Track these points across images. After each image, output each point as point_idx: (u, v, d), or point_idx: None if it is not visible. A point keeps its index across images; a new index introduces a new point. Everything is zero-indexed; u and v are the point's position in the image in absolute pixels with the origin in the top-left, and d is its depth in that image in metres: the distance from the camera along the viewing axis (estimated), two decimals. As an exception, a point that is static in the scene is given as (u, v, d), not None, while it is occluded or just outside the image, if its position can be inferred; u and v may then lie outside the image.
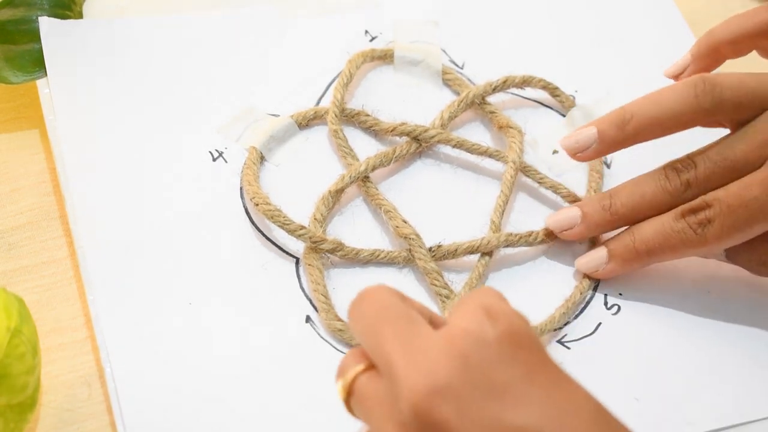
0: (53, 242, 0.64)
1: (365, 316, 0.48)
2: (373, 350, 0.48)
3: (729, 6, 0.78)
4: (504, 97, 0.72)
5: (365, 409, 0.48)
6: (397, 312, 0.48)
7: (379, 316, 0.48)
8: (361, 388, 0.48)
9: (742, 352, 0.63)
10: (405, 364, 0.46)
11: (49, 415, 0.58)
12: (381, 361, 0.47)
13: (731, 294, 0.65)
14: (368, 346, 0.48)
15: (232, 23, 0.73)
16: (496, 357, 0.45)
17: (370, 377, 0.48)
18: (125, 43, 0.71)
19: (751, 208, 0.60)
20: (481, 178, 0.68)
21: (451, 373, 0.45)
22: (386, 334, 0.47)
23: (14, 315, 0.54)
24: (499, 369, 0.45)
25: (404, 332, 0.47)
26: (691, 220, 0.61)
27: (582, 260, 0.64)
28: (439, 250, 0.64)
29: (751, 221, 0.60)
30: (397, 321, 0.47)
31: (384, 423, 0.47)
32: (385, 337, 0.47)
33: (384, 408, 0.47)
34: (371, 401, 0.47)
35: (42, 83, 0.68)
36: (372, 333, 0.48)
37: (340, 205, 0.66)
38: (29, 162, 0.67)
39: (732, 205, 0.60)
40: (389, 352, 0.46)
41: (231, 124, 0.69)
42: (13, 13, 0.70)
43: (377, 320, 0.48)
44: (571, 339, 0.63)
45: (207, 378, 0.59)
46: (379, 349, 0.47)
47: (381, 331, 0.47)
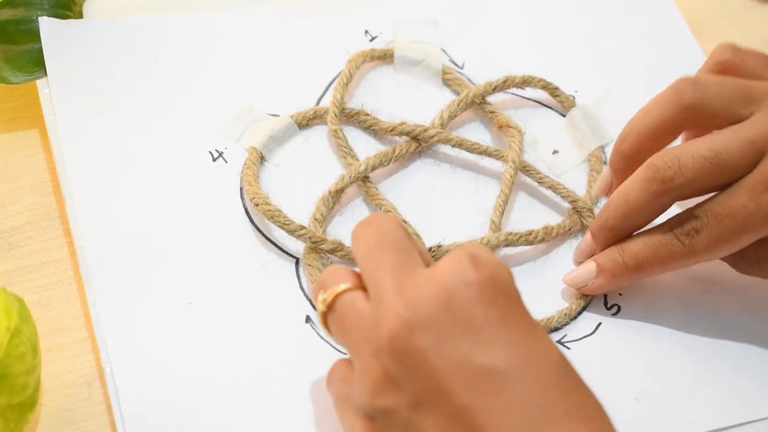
0: (53, 242, 0.64)
1: (369, 240, 0.52)
2: (367, 273, 0.51)
3: (729, 6, 0.78)
4: (504, 97, 0.72)
5: (343, 328, 0.51)
6: (399, 245, 0.51)
7: (382, 243, 0.51)
8: (344, 307, 0.51)
9: (741, 352, 0.63)
10: (395, 293, 0.49)
11: (49, 415, 0.58)
12: (372, 285, 0.50)
13: (730, 294, 0.65)
14: (364, 268, 0.51)
15: (232, 23, 0.73)
16: (476, 299, 0.49)
17: (355, 298, 0.51)
18: (125, 44, 0.71)
19: (738, 217, 0.59)
20: (480, 177, 0.68)
21: (434, 308, 0.48)
22: (385, 262, 0.50)
23: (14, 315, 0.54)
24: (477, 310, 0.48)
25: (401, 265, 0.50)
26: (678, 231, 0.60)
27: (569, 275, 0.64)
28: (439, 249, 0.64)
29: (740, 231, 0.59)
30: (397, 253, 0.51)
31: (360, 344, 0.50)
32: (383, 264, 0.50)
33: (363, 329, 0.50)
34: (351, 321, 0.51)
35: (42, 83, 0.68)
36: (371, 257, 0.51)
37: (340, 205, 0.66)
38: (29, 162, 0.67)
39: (719, 215, 0.60)
40: (382, 280, 0.50)
41: (231, 124, 0.69)
42: (13, 13, 0.70)
43: (379, 247, 0.51)
44: (571, 339, 0.63)
45: (206, 378, 0.59)
46: (374, 273, 0.50)
47: (380, 258, 0.50)
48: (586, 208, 0.67)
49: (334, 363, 0.55)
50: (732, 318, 0.64)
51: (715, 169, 0.60)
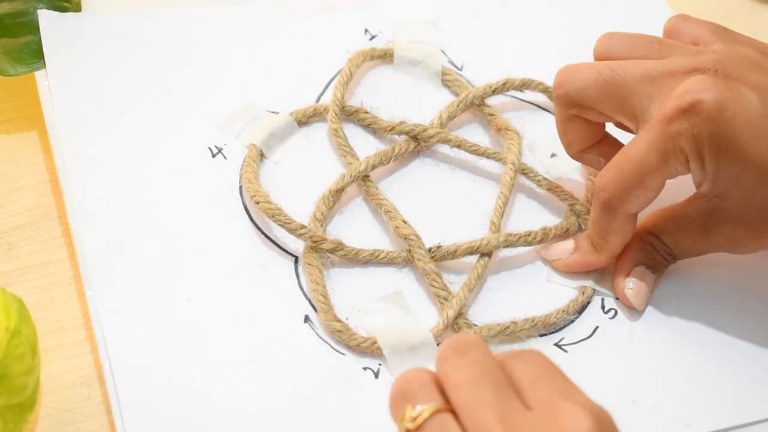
0: (53, 242, 0.64)
1: (467, 371, 0.48)
2: (467, 406, 0.47)
3: (729, 6, 0.78)
4: (503, 99, 0.72)
5: None
6: (497, 379, 0.47)
7: (480, 376, 0.47)
8: (436, 430, 0.47)
9: (739, 355, 0.63)
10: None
11: (49, 415, 0.58)
12: (472, 420, 0.46)
13: (728, 297, 0.65)
14: (462, 399, 0.47)
15: (233, 20, 0.73)
16: None
17: (446, 422, 0.47)
18: (125, 38, 0.70)
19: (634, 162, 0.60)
20: (479, 178, 0.68)
21: None
22: (487, 398, 0.46)
23: (14, 315, 0.54)
24: None
25: (502, 402, 0.46)
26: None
27: (546, 249, 0.65)
28: (439, 250, 0.64)
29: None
30: (497, 389, 0.47)
31: None
32: (486, 401, 0.46)
33: None
34: None
35: (41, 76, 0.67)
36: (470, 390, 0.47)
37: (339, 204, 0.66)
38: (29, 162, 0.67)
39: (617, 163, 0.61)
40: (488, 420, 0.46)
41: (231, 120, 0.68)
42: (12, 5, 0.70)
43: (477, 381, 0.47)
44: (569, 342, 0.63)
45: (206, 377, 0.59)
46: (475, 409, 0.46)
47: (481, 393, 0.47)
48: (584, 210, 0.67)
49: None
50: (729, 321, 0.64)
51: (607, 86, 0.61)
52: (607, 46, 0.64)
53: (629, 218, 0.62)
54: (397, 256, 0.64)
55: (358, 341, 0.61)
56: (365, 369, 0.60)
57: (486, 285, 0.64)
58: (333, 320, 0.61)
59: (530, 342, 0.62)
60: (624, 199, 0.60)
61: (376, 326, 0.62)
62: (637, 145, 0.59)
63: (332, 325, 0.61)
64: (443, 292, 0.63)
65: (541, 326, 0.63)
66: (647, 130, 0.59)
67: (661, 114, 0.58)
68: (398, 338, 0.61)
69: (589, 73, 0.61)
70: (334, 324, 0.61)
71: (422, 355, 0.61)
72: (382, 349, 0.61)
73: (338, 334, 0.61)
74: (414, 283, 0.64)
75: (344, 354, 0.61)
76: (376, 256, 0.64)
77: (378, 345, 0.61)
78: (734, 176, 0.58)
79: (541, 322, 0.62)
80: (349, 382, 0.60)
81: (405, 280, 0.64)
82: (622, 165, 0.60)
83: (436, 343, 0.61)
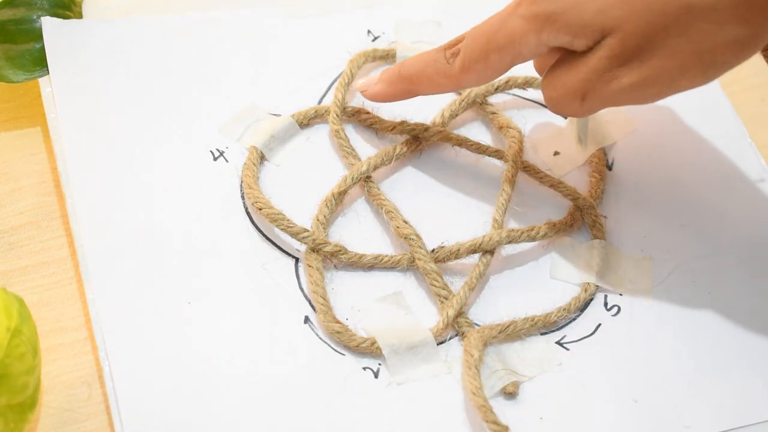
0: (54, 242, 0.64)
1: None
2: None
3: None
4: (505, 97, 0.72)
5: None
6: None
7: None
8: None
9: (741, 355, 0.63)
10: None
11: (49, 415, 0.58)
12: None
13: (731, 297, 0.65)
14: None
15: (234, 23, 0.73)
16: None
17: None
18: (127, 43, 0.71)
19: (487, 34, 0.61)
20: (481, 177, 0.68)
21: None
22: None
23: (14, 315, 0.54)
24: None
25: None
26: (448, 52, 0.63)
27: (358, 81, 0.69)
28: (442, 251, 0.64)
29: (487, 49, 0.61)
30: None
31: None
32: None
33: None
34: None
35: (44, 82, 0.68)
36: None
37: (342, 206, 0.66)
38: (30, 162, 0.67)
39: (475, 35, 0.62)
40: None
41: (232, 123, 0.69)
42: (14, 12, 0.70)
43: None
44: (571, 340, 0.63)
45: (205, 378, 0.59)
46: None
47: None
48: (587, 204, 0.66)
49: None
50: (732, 321, 0.64)
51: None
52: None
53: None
54: (400, 259, 0.64)
55: (357, 342, 0.61)
56: (365, 369, 0.60)
57: (488, 284, 0.64)
58: (332, 321, 0.61)
59: (531, 340, 0.62)
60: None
61: (376, 326, 0.62)
62: None
63: (331, 326, 0.61)
64: (444, 291, 0.63)
65: (541, 325, 0.62)
66: None
67: None
68: (398, 338, 0.61)
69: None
70: (333, 325, 0.61)
71: (422, 354, 0.61)
72: (382, 349, 0.60)
73: (337, 335, 0.61)
74: (415, 284, 0.64)
75: (344, 354, 0.61)
76: (379, 261, 0.64)
77: (378, 345, 0.61)
78: None
79: (542, 321, 0.62)
80: (349, 382, 0.60)
81: (407, 282, 0.64)
82: None
83: (436, 343, 0.61)
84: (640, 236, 0.67)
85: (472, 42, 0.62)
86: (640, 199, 0.68)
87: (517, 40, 0.60)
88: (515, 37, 0.60)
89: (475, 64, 0.62)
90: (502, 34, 0.61)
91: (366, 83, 0.68)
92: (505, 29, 0.61)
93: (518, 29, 0.60)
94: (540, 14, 0.59)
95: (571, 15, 0.59)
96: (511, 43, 0.60)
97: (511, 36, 0.60)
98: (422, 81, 0.65)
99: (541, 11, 0.59)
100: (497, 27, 0.61)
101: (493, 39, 0.61)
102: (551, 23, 0.59)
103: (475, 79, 0.63)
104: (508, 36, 0.60)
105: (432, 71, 0.64)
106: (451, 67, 0.63)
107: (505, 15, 0.61)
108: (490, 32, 0.61)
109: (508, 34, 0.60)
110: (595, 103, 0.61)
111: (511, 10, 0.61)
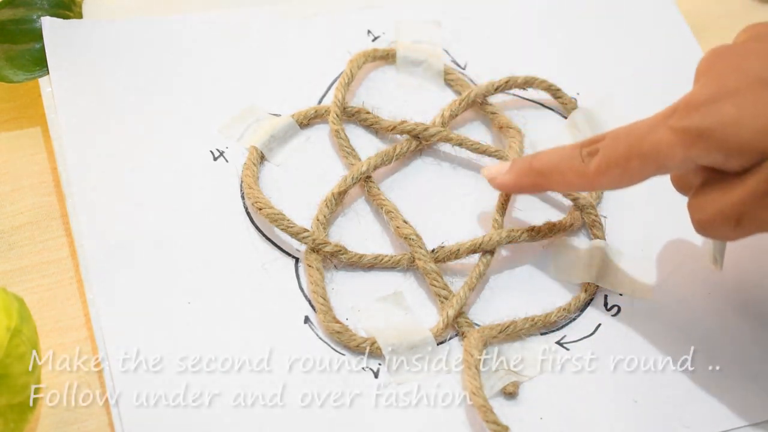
0: (54, 242, 0.64)
1: None
2: None
3: (728, 7, 0.78)
4: (505, 98, 0.72)
5: None
6: None
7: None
8: None
9: (740, 356, 0.63)
10: None
11: (49, 415, 0.58)
12: None
13: (731, 298, 0.65)
14: None
15: (234, 23, 0.73)
16: None
17: None
18: (128, 44, 0.71)
19: (630, 139, 0.58)
20: (481, 177, 0.68)
21: None
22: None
23: (14, 315, 0.54)
24: None
25: None
26: (584, 150, 0.60)
27: (486, 168, 0.65)
28: (442, 251, 0.64)
29: (628, 155, 0.58)
30: None
31: None
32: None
33: None
34: None
35: (44, 82, 0.68)
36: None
37: (342, 206, 0.66)
38: (30, 162, 0.67)
39: (617, 138, 0.59)
40: None
41: (232, 123, 0.69)
42: (14, 12, 0.70)
43: None
44: (571, 340, 0.63)
45: (205, 378, 0.59)
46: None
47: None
48: (587, 204, 0.66)
49: None
50: (731, 322, 0.64)
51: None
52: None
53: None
54: (400, 259, 0.64)
55: (357, 342, 0.61)
56: (365, 369, 0.60)
57: (488, 284, 0.64)
58: (332, 321, 0.61)
59: (531, 340, 0.62)
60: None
61: (376, 326, 0.62)
62: None
63: (331, 326, 0.61)
64: (444, 291, 0.63)
65: (541, 325, 0.62)
66: None
67: None
68: (398, 338, 0.61)
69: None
70: (333, 325, 0.61)
71: (422, 354, 0.61)
72: (382, 349, 0.60)
73: (337, 335, 0.61)
74: (415, 284, 0.64)
75: (344, 354, 0.61)
76: (379, 261, 0.64)
77: (378, 345, 0.61)
78: None
79: (542, 321, 0.62)
80: (349, 382, 0.60)
81: (407, 282, 0.64)
82: None
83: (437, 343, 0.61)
84: (640, 236, 0.67)
85: (612, 144, 0.58)
86: (640, 199, 0.68)
87: (663, 152, 0.56)
88: (661, 148, 0.56)
89: (613, 168, 0.58)
90: (647, 143, 0.57)
91: (494, 171, 0.65)
92: (651, 138, 0.56)
93: (666, 141, 0.56)
94: (692, 129, 0.55)
95: (727, 134, 0.54)
96: (656, 154, 0.56)
97: (656, 147, 0.56)
98: (554, 176, 0.61)
99: (694, 126, 0.55)
100: (643, 134, 0.57)
101: (636, 146, 0.57)
102: (704, 140, 0.55)
103: (609, 183, 0.59)
104: (654, 146, 0.56)
105: (566, 167, 0.61)
106: (587, 167, 0.59)
107: (654, 123, 0.57)
108: (634, 138, 0.57)
109: (654, 143, 0.56)
110: (752, 229, 0.56)
111: (662, 119, 0.57)
